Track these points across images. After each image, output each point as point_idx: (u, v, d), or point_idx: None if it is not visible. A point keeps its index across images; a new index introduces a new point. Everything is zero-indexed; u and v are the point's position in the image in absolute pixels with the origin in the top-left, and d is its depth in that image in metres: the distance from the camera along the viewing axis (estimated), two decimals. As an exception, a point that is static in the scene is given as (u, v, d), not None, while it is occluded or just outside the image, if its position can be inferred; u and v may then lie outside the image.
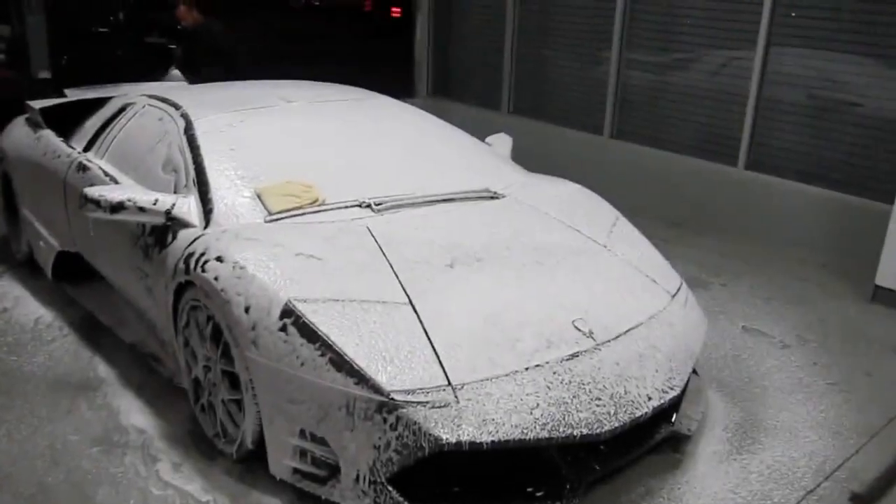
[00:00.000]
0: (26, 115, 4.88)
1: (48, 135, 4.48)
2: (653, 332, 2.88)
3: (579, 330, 2.75)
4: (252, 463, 2.86)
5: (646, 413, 2.62)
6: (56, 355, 3.85)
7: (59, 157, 4.17)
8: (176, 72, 6.36)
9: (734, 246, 5.56)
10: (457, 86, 7.92)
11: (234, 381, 2.77)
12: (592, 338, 2.73)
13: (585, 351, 2.68)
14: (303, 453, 2.57)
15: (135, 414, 3.32)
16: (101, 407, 3.38)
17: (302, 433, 2.54)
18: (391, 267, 2.84)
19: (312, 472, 2.58)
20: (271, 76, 4.85)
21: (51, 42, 8.49)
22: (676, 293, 3.19)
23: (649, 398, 2.65)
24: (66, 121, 4.64)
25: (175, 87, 5.26)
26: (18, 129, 4.84)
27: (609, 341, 2.76)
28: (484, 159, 3.96)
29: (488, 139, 4.40)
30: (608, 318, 2.86)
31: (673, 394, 2.74)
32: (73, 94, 5.20)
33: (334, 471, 2.52)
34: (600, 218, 3.59)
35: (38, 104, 4.73)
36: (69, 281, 4.35)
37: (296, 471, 2.62)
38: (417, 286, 2.76)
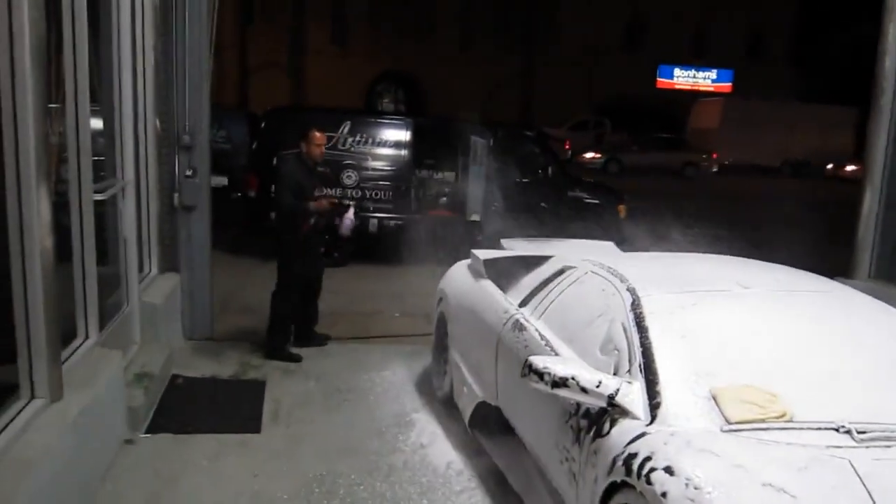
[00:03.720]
0: (468, 262, 5.20)
1: (488, 285, 4.66)
2: None
3: None
4: None
5: None
6: (464, 509, 3.83)
7: (496, 311, 4.28)
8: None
9: None
10: (908, 270, 6.81)
11: None
12: None
13: None
14: None
15: None
16: (505, 585, 3.20)
17: None
18: (887, 524, 2.24)
19: None
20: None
21: (485, 190, 9.37)
22: None
23: None
24: (502, 271, 4.82)
25: (606, 249, 5.24)
26: (459, 275, 5.16)
27: None
28: None
29: None
30: None
31: None
32: (508, 245, 5.46)
33: None
34: None
35: (481, 254, 4.99)
36: (481, 428, 4.37)
37: None
38: (927, 560, 2.12)
